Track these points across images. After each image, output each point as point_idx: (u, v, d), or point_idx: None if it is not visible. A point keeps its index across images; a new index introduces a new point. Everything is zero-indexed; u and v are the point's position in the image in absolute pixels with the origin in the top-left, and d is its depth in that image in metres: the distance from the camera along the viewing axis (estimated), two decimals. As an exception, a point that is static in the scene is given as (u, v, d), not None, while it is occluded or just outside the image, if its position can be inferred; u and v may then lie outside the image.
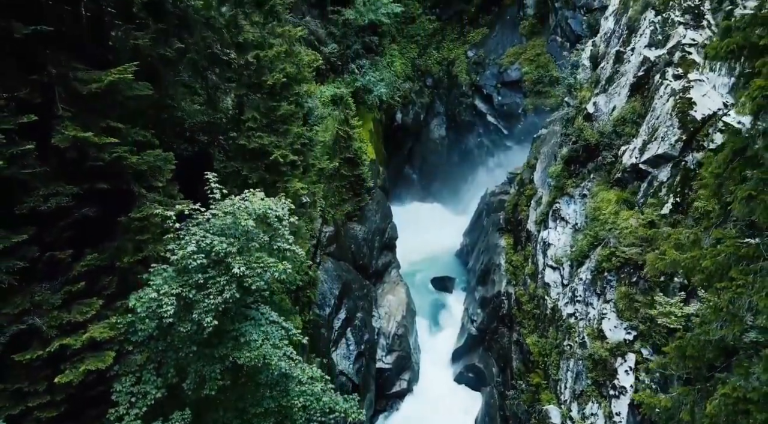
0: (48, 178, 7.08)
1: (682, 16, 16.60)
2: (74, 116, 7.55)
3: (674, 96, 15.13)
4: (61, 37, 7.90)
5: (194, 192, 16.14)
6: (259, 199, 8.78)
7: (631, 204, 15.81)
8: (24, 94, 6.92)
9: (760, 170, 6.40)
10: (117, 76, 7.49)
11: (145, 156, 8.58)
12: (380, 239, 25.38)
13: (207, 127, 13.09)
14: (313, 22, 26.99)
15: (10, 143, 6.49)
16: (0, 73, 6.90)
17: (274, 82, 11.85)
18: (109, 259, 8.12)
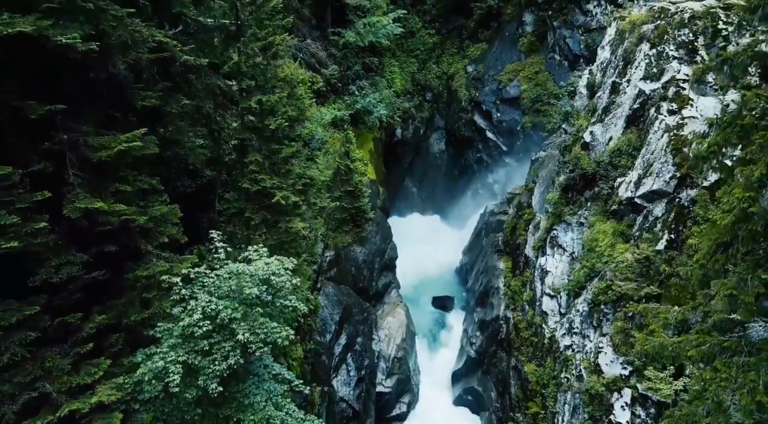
0: (58, 248, 7.35)
1: (676, 51, 16.90)
2: (84, 182, 7.81)
3: (668, 132, 15.41)
4: (73, 102, 8.18)
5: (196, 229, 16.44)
6: (263, 263, 9.01)
7: (626, 237, 16.06)
8: (37, 168, 7.19)
9: (740, 267, 6.59)
10: (126, 146, 7.75)
11: (151, 211, 8.83)
12: (380, 260, 25.62)
13: (210, 166, 13.38)
14: (313, 44, 27.33)
15: (24, 220, 6.74)
16: (13, 147, 7.17)
17: (277, 127, 12.13)
18: (116, 317, 8.36)
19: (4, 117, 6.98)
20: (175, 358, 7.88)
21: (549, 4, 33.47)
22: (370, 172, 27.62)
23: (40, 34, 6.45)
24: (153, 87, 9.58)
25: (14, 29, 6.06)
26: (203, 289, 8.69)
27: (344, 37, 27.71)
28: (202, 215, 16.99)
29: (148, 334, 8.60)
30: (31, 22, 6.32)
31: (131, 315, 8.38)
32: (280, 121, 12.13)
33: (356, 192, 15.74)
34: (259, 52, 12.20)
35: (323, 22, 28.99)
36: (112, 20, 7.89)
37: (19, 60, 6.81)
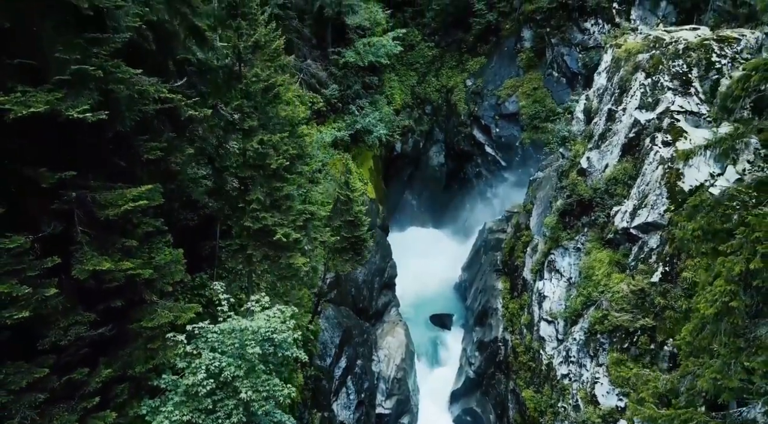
0: (66, 309, 7.58)
1: (671, 82, 17.17)
2: (92, 239, 8.06)
3: (663, 164, 15.66)
4: (82, 159, 8.43)
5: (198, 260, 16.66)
6: (265, 318, 9.23)
7: (622, 266, 16.30)
8: (48, 232, 7.43)
9: (724, 351, 6.78)
10: (132, 205, 8.00)
11: (156, 260, 9.07)
12: (380, 279, 25.85)
13: (213, 196, 13.64)
14: (314, 64, 27.62)
15: (35, 286, 6.98)
16: (24, 210, 7.41)
17: (278, 166, 12.39)
18: (121, 368, 8.58)
19: (16, 185, 7.24)
20: (179, 417, 8.10)
21: (547, 21, 33.76)
22: (370, 191, 27.89)
23: (53, 110, 6.72)
24: (158, 137, 9.84)
25: (28, 111, 6.33)
26: (207, 345, 8.93)
27: (344, 56, 28.01)
28: (204, 242, 17.27)
29: (153, 384, 8.82)
30: (43, 101, 6.57)
31: (136, 366, 8.61)
32: (281, 161, 12.38)
33: (356, 221, 15.98)
34: (260, 92, 12.47)
35: (323, 41, 29.29)
36: (120, 82, 8.16)
37: (31, 131, 7.06)
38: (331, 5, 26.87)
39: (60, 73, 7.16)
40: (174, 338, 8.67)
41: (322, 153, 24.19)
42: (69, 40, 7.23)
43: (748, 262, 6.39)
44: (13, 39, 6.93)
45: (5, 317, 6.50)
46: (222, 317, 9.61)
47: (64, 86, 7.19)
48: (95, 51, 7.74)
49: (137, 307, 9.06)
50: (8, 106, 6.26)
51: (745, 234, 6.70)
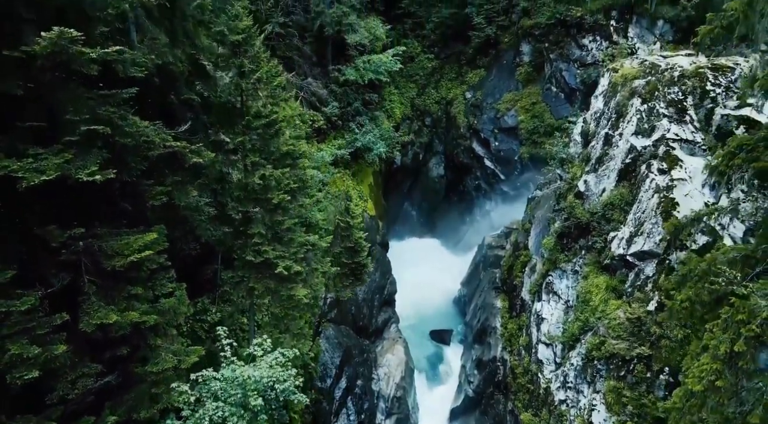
0: (74, 363, 7.78)
1: (666, 109, 17.41)
2: (99, 288, 8.27)
3: (659, 193, 15.89)
4: (89, 208, 8.66)
5: (200, 286, 16.85)
6: (266, 366, 9.44)
7: (619, 292, 16.50)
8: (57, 288, 7.65)
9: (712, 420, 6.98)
10: (138, 256, 8.22)
11: (160, 306, 9.29)
12: (380, 296, 26.05)
13: (215, 223, 13.88)
14: (314, 82, 27.89)
15: (44, 345, 7.18)
16: (33, 265, 7.62)
17: (279, 201, 12.62)
18: (126, 413, 8.77)
19: (27, 245, 7.45)
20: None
21: (546, 36, 34.06)
22: (370, 208, 28.12)
23: (63, 175, 6.95)
24: (163, 180, 10.07)
25: (40, 179, 6.55)
26: (210, 394, 9.12)
27: (344, 74, 28.28)
28: (205, 266, 17.46)
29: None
30: (54, 166, 6.80)
31: (141, 411, 8.80)
32: (282, 197, 12.60)
33: (356, 247, 16.20)
34: (263, 128, 12.71)
35: (324, 58, 29.58)
36: (127, 135, 8.39)
37: (41, 191, 7.28)
38: (331, 24, 27.16)
39: (69, 134, 7.39)
40: (178, 387, 8.87)
41: (322, 172, 24.42)
42: (79, 99, 7.44)
43: (733, 343, 6.60)
44: (24, 104, 7.16)
45: (16, 378, 6.71)
46: (225, 362, 9.82)
47: (73, 146, 7.41)
48: (104, 109, 7.97)
49: (141, 350, 9.27)
50: (21, 175, 6.48)
51: (730, 314, 6.91)
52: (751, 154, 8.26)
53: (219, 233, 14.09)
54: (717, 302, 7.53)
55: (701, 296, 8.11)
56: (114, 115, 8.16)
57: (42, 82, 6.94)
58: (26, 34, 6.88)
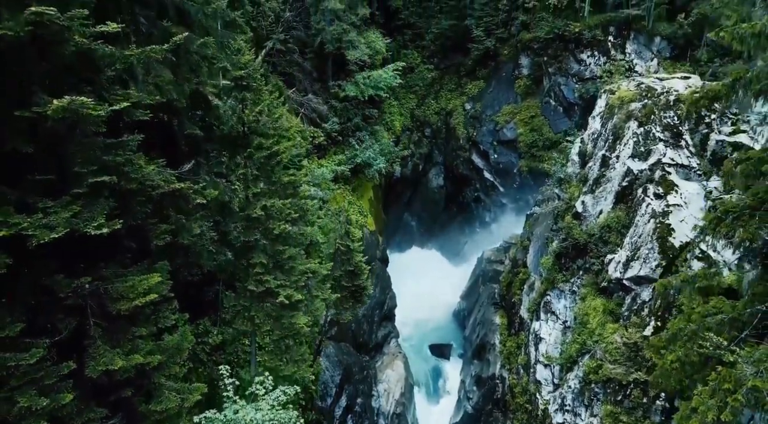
0: (80, 409, 7.96)
1: (662, 133, 17.64)
2: (104, 331, 8.47)
3: (655, 218, 16.09)
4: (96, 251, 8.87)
5: (201, 308, 17.01)
6: (268, 408, 9.64)
7: (616, 316, 16.69)
8: (64, 335, 7.85)
9: None
10: (143, 300, 8.43)
11: (164, 344, 9.50)
12: (380, 312, 26.23)
13: (219, 248, 14.09)
14: (315, 99, 28.15)
15: (51, 393, 7.37)
16: (41, 313, 7.82)
17: (281, 232, 12.84)
18: (132, 452, 8.98)
19: (35, 297, 7.66)
20: None
21: (544, 50, 34.31)
22: (370, 223, 28.33)
23: (72, 229, 7.16)
24: (167, 218, 10.28)
25: (50, 237, 6.77)
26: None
27: (345, 90, 28.53)
28: (207, 288, 17.65)
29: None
30: (63, 222, 7.00)
31: (146, 449, 9.00)
32: (283, 227, 12.82)
33: (356, 270, 16.41)
34: (264, 159, 12.93)
35: (324, 74, 29.86)
36: (132, 182, 8.60)
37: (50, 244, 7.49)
38: (331, 41, 27.44)
39: (77, 186, 7.61)
40: (183, 430, 9.08)
41: (323, 188, 24.64)
42: (87, 150, 7.66)
43: (720, 410, 6.78)
44: (34, 158, 7.38)
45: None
46: (228, 402, 10.02)
47: (81, 197, 7.63)
48: (111, 157, 8.19)
49: (145, 388, 9.46)
50: (31, 232, 6.70)
51: (717, 381, 7.09)
52: (737, 221, 8.48)
53: (221, 260, 14.31)
54: (706, 362, 7.72)
55: (690, 357, 8.30)
56: (120, 162, 8.39)
57: (52, 138, 7.15)
58: (37, 93, 7.11)
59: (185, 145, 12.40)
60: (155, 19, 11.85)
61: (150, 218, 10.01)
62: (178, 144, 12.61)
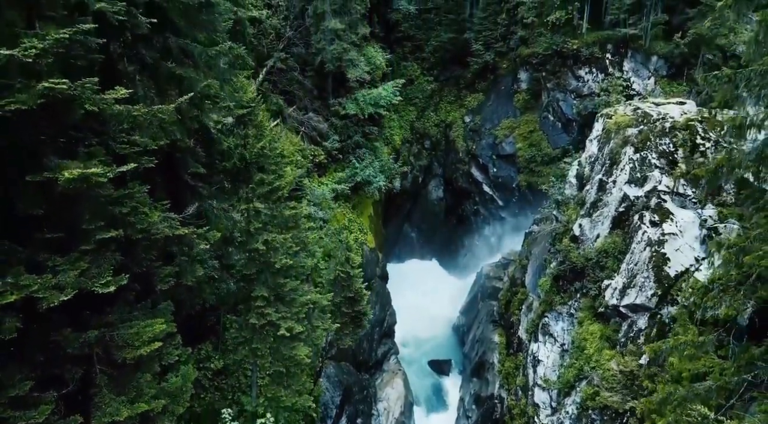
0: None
1: (658, 159, 17.88)
2: (110, 379, 8.69)
3: (650, 246, 16.31)
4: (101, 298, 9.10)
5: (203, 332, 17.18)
6: None
7: (613, 342, 16.89)
8: (73, 388, 8.07)
9: None
10: (147, 350, 8.66)
11: (167, 386, 9.71)
12: (380, 329, 26.42)
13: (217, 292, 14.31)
14: (315, 117, 28.41)
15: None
16: (48, 369, 8.03)
17: (282, 266, 13.06)
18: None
19: (44, 351, 7.89)
20: None
21: (543, 65, 34.61)
22: (370, 241, 28.54)
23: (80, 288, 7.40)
24: (171, 261, 10.52)
25: (59, 299, 7.01)
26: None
27: (345, 108, 28.78)
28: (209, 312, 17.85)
29: None
30: (72, 282, 7.24)
31: (150, 492, 9.20)
32: (285, 261, 13.04)
33: (356, 297, 16.64)
34: (266, 194, 13.17)
35: (324, 91, 30.11)
36: (138, 232, 8.85)
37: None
38: (332, 61, 27.72)
39: (85, 243, 7.85)
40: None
41: (323, 207, 24.87)
42: (95, 208, 7.90)
43: None
44: (45, 219, 7.62)
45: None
46: (231, 445, 10.24)
47: (88, 253, 7.86)
48: (118, 210, 8.43)
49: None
50: (41, 295, 6.93)
51: None
52: (723, 294, 8.71)
53: (222, 292, 14.54)
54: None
55: (681, 423, 8.53)
56: (126, 213, 8.63)
57: (62, 200, 7.39)
58: (47, 156, 7.35)
59: (188, 183, 12.64)
60: (160, 59, 12.13)
61: (154, 262, 10.25)
62: (180, 181, 12.85)
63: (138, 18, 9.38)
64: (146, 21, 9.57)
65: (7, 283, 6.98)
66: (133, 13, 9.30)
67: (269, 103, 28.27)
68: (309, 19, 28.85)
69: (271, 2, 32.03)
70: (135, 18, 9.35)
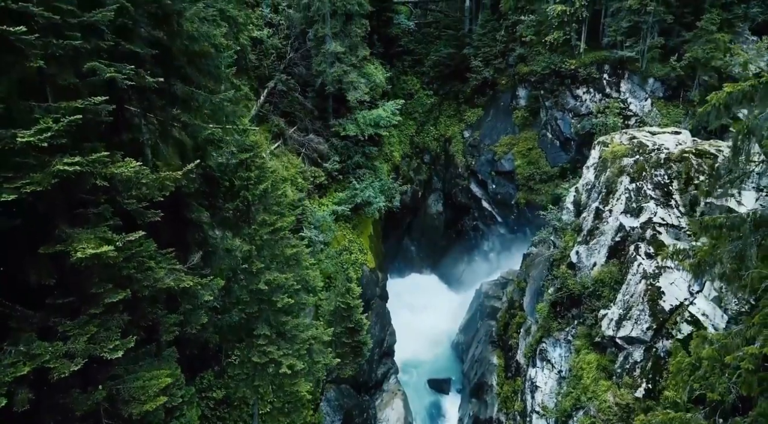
0: None
1: (653, 191, 18.18)
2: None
3: (646, 279, 16.59)
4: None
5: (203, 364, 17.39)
6: None
7: (609, 372, 17.14)
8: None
9: None
10: (152, 405, 8.92)
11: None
12: (380, 350, 26.64)
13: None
14: (315, 138, 28.72)
15: None
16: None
17: (284, 305, 13.33)
18: None
19: (53, 415, 8.15)
20: None
21: (541, 83, 34.93)
22: (370, 261, 28.79)
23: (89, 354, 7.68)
24: (175, 308, 10.79)
25: (70, 370, 7.28)
26: None
27: (345, 129, 29.07)
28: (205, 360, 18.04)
29: None
30: (82, 352, 7.52)
31: None
32: (287, 301, 13.31)
33: (356, 327, 16.90)
34: (268, 234, 13.45)
35: (325, 111, 30.43)
36: (145, 289, 9.12)
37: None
38: (332, 83, 28.04)
39: (94, 306, 8.12)
40: None
41: (324, 230, 25.13)
42: (104, 272, 8.18)
43: None
44: (57, 287, 7.90)
45: None
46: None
47: (97, 316, 8.14)
48: (125, 269, 8.70)
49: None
50: (52, 365, 7.20)
51: None
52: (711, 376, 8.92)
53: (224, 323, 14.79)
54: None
55: None
56: (134, 271, 8.90)
57: (73, 269, 7.67)
58: (59, 226, 7.63)
59: (192, 223, 12.92)
60: (165, 105, 12.43)
61: (159, 310, 10.52)
62: (185, 221, 13.13)
63: (146, 79, 9.67)
64: (153, 80, 9.87)
65: (20, 352, 7.26)
66: (142, 74, 9.59)
67: (271, 124, 28.66)
68: (310, 42, 29.20)
69: (272, 21, 32.50)
70: (143, 79, 9.65)
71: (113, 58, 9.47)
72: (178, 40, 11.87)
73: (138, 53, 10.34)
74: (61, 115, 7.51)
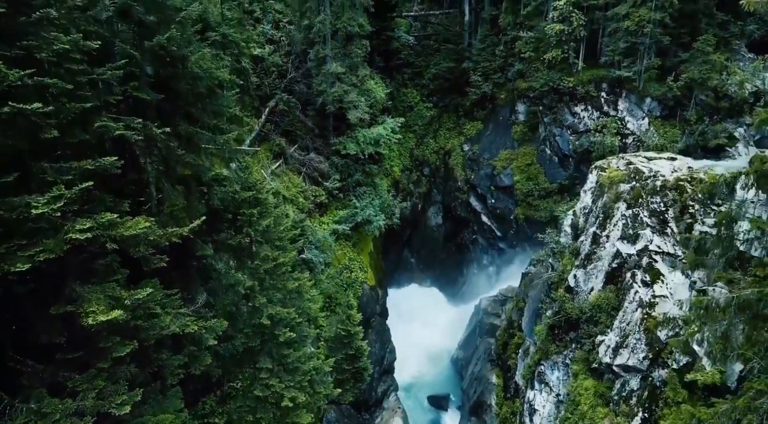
0: None
1: (649, 218, 18.43)
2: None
3: (642, 308, 16.83)
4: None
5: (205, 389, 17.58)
6: None
7: (606, 399, 17.36)
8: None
9: None
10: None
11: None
12: (380, 368, 26.85)
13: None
14: (316, 157, 29.00)
15: None
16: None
17: (286, 339, 13.57)
18: None
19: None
20: None
21: (540, 99, 35.24)
22: (370, 278, 29.03)
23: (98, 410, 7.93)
24: (179, 350, 11.03)
25: (80, 429, 7.54)
26: None
27: (346, 148, 29.34)
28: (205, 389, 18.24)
29: None
30: (91, 410, 7.76)
31: None
32: (289, 335, 13.55)
33: (357, 354, 17.12)
34: (271, 269, 13.71)
35: (325, 130, 30.72)
36: (151, 338, 9.36)
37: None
38: (332, 103, 28.33)
39: (102, 360, 8.36)
40: None
41: (324, 250, 25.36)
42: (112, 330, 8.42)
43: None
44: (67, 343, 8.14)
45: None
46: None
47: (105, 370, 8.38)
48: (132, 320, 8.94)
49: None
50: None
51: None
52: None
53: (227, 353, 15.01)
54: None
55: None
56: (141, 321, 9.14)
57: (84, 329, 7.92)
58: (69, 285, 7.88)
59: (196, 261, 13.17)
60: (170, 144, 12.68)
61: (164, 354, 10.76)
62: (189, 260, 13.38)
63: (154, 131, 9.93)
64: (161, 131, 10.12)
65: (31, 410, 7.50)
66: (149, 127, 9.86)
67: (272, 143, 28.94)
68: (311, 62, 29.50)
69: (273, 38, 32.82)
70: (150, 131, 9.91)
71: (120, 107, 9.75)
72: (183, 81, 12.14)
73: (145, 100, 10.61)
74: (73, 176, 7.79)
